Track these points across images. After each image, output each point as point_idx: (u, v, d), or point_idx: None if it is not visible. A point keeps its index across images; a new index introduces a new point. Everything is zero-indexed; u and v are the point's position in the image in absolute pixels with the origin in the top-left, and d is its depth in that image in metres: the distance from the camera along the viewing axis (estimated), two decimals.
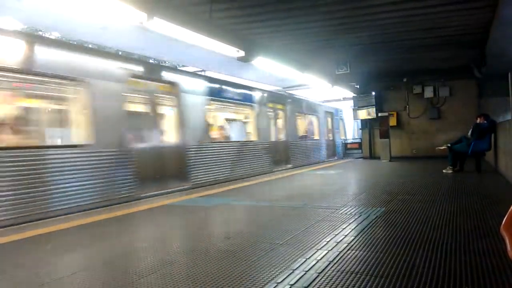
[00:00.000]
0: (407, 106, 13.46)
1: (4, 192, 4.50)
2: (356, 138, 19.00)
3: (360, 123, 14.90)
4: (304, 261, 2.64)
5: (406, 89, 13.34)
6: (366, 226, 3.63)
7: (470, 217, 3.85)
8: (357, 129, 18.21)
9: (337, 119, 17.69)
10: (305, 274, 2.41)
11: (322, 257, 2.72)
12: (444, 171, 8.23)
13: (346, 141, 18.14)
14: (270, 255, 2.82)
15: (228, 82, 9.93)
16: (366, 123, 14.25)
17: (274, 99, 11.82)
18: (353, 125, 20.70)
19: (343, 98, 18.42)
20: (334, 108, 17.60)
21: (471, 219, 3.74)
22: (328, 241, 3.13)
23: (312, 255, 2.78)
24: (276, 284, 2.26)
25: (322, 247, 2.98)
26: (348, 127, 20.69)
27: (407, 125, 13.53)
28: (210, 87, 8.61)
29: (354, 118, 15.96)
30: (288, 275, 2.39)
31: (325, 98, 18.86)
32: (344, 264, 2.57)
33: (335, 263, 2.59)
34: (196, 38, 6.19)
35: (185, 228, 4.16)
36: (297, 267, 2.53)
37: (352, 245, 3.01)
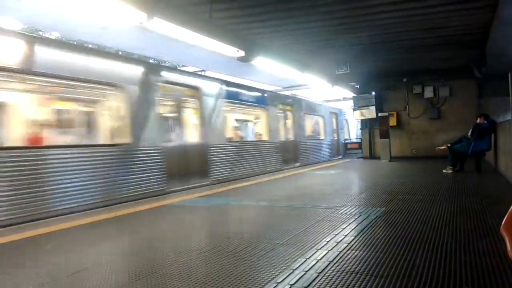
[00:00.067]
0: (407, 106, 13.44)
1: (73, 183, 5.26)
2: (359, 138, 19.03)
3: (360, 123, 14.92)
4: (304, 261, 2.65)
5: (406, 89, 13.33)
6: (366, 226, 3.64)
7: (470, 217, 3.85)
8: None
9: (341, 120, 17.95)
10: (305, 274, 2.41)
11: (322, 257, 2.72)
12: (444, 171, 8.23)
13: (346, 141, 18.16)
14: (270, 255, 2.82)
15: (243, 85, 10.46)
16: (366, 123, 14.24)
17: (283, 100, 12.25)
18: (356, 125, 20.72)
19: (343, 98, 18.44)
20: (338, 109, 17.80)
21: (471, 219, 3.74)
22: (328, 241, 3.13)
23: (312, 255, 2.79)
24: (276, 284, 2.27)
25: (322, 247, 2.98)
26: (352, 127, 20.77)
27: (407, 125, 13.51)
28: (227, 90, 9.16)
29: (355, 118, 15.99)
30: (288, 275, 2.39)
31: (325, 98, 18.90)
32: (344, 264, 2.57)
33: (335, 263, 2.59)
34: (196, 38, 6.20)
35: (185, 228, 4.16)
36: (297, 267, 2.53)
37: (352, 245, 3.01)
